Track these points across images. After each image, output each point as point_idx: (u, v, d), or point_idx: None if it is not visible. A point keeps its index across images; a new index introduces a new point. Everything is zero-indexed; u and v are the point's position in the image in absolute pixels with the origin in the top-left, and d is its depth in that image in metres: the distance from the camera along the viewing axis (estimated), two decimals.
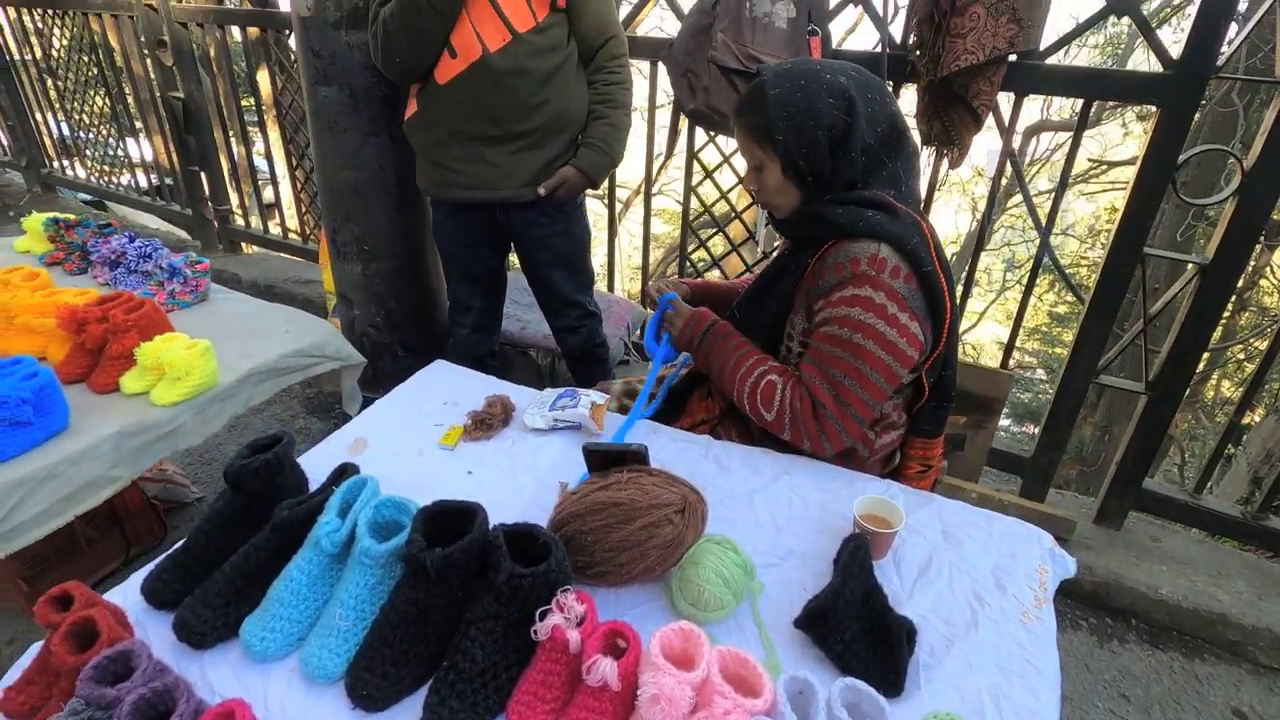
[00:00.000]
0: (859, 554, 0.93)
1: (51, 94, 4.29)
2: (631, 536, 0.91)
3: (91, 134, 4.26)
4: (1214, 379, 7.26)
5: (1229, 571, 1.96)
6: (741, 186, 2.26)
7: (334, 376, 1.84)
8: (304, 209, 3.42)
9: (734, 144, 2.11)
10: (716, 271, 2.82)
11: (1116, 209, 1.97)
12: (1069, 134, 2.30)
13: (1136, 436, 1.96)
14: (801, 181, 1.18)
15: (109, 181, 4.38)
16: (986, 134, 1.85)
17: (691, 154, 2.37)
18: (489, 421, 1.31)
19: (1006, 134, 1.89)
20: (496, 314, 2.21)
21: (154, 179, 4.15)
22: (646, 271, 2.82)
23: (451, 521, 0.88)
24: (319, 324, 1.79)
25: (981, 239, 2.37)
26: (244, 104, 3.59)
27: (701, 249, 2.57)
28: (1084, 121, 1.86)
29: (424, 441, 1.28)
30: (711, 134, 2.24)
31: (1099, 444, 6.05)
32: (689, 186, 2.44)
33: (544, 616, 0.78)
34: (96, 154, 4.33)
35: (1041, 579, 1.02)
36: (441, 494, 0.92)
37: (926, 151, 1.78)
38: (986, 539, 1.08)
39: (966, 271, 2.21)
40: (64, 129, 4.40)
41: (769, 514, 1.12)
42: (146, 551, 1.92)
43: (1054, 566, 1.05)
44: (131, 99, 3.83)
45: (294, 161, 3.34)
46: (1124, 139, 8.55)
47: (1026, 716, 0.81)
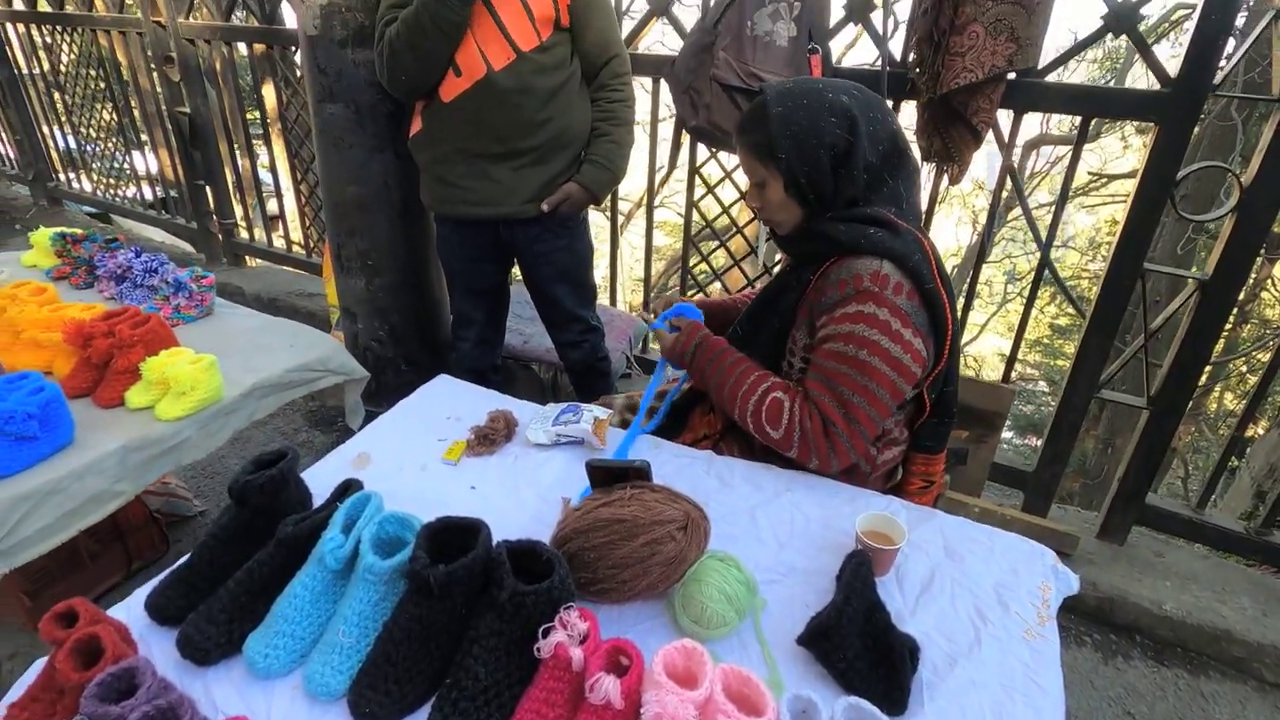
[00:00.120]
0: (861, 571, 0.93)
1: (59, 107, 4.33)
2: (634, 553, 0.91)
3: (97, 147, 4.29)
4: (1217, 391, 7.24)
5: (1233, 587, 1.96)
6: (743, 202, 2.28)
7: (337, 390, 1.84)
8: (308, 222, 3.44)
9: (735, 159, 2.13)
10: (718, 285, 2.83)
11: (1117, 221, 1.98)
12: (1069, 147, 2.31)
13: (1139, 452, 1.96)
14: (804, 199, 1.19)
15: (114, 195, 4.41)
16: (987, 146, 1.86)
17: (693, 169, 2.39)
18: (492, 437, 1.31)
19: (1006, 150, 1.90)
20: (499, 328, 2.22)
21: (159, 191, 4.18)
22: (649, 283, 2.83)
23: (455, 538, 0.88)
24: (323, 338, 1.80)
25: (982, 253, 2.38)
26: (249, 117, 3.62)
27: (703, 262, 2.58)
28: (1083, 136, 1.88)
29: (427, 456, 1.28)
30: (713, 150, 2.26)
31: (1102, 456, 6.03)
32: (690, 201, 2.45)
33: (547, 634, 0.78)
34: (102, 167, 4.36)
35: (1044, 596, 1.02)
36: (444, 509, 0.92)
37: (927, 167, 1.79)
38: (989, 555, 1.08)
39: (968, 284, 2.21)
40: (70, 142, 4.44)
41: (771, 530, 1.12)
42: (148, 565, 1.92)
43: (1057, 583, 1.05)
44: (138, 112, 3.87)
45: (298, 175, 3.36)
46: (1124, 151, 8.59)
47: None
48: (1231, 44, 1.59)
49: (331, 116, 2.01)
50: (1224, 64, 1.59)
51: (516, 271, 2.12)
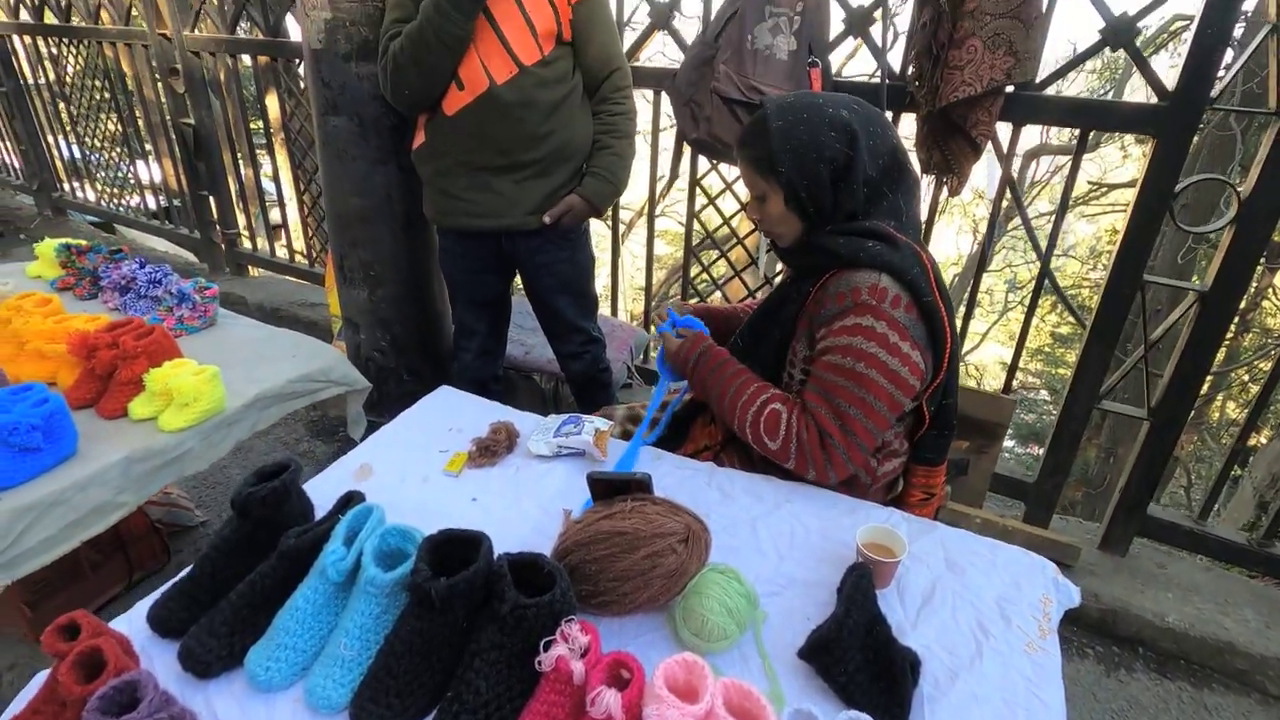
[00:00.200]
0: (862, 583, 0.93)
1: (64, 118, 4.36)
2: (635, 566, 0.92)
3: (102, 157, 4.32)
4: (1219, 400, 7.23)
5: (1236, 599, 1.95)
6: (744, 213, 2.29)
7: (339, 401, 1.85)
8: (310, 232, 3.45)
9: (736, 171, 2.14)
10: (719, 295, 2.84)
11: (1117, 230, 1.99)
12: (1068, 157, 2.32)
13: (1139, 464, 1.96)
14: (804, 212, 1.20)
15: (118, 205, 4.43)
16: (987, 156, 1.87)
17: (694, 181, 2.40)
18: (493, 448, 1.32)
19: (1005, 162, 1.91)
20: (501, 339, 2.23)
21: (162, 201, 4.21)
22: (650, 292, 2.84)
23: (456, 550, 0.89)
24: (325, 349, 1.81)
25: (983, 262, 2.38)
26: (253, 126, 3.64)
27: (704, 272, 2.59)
28: (1082, 148, 1.89)
29: (429, 468, 1.29)
30: (714, 162, 2.27)
31: (1104, 465, 6.02)
32: (691, 212, 2.47)
33: (548, 647, 0.78)
34: (107, 177, 4.39)
35: (1045, 609, 1.02)
36: (446, 521, 0.92)
37: (926, 179, 1.81)
38: (990, 568, 1.08)
39: (969, 293, 2.22)
40: (75, 152, 4.46)
41: (771, 542, 1.12)
42: (150, 575, 1.92)
43: (1058, 596, 1.05)
44: (142, 123, 3.89)
45: (301, 185, 3.38)
46: (1123, 161, 8.61)
47: None
48: (1229, 55, 1.60)
49: (335, 129, 2.02)
50: (1222, 74, 1.60)
51: (518, 282, 2.13)
